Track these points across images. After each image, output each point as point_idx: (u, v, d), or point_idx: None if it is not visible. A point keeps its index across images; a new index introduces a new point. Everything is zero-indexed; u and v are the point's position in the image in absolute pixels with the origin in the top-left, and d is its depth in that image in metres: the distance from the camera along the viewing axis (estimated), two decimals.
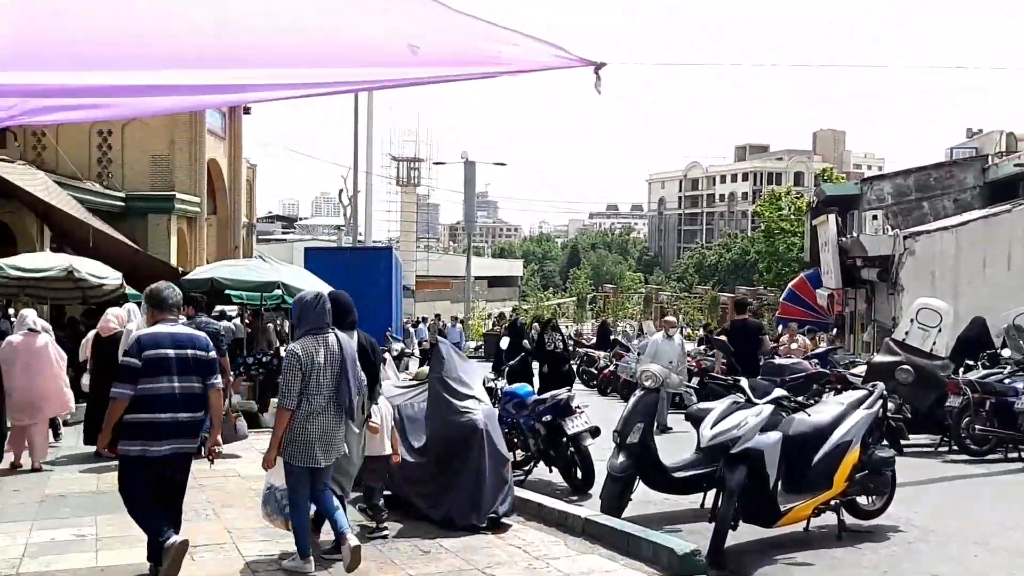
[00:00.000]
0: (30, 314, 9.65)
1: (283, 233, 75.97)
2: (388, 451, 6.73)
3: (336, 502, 5.77)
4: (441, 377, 7.28)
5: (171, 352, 5.40)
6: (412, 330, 29.49)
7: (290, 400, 5.47)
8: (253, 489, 7.86)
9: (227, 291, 14.22)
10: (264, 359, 13.20)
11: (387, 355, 9.67)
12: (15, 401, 8.92)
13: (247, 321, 16.49)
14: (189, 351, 5.48)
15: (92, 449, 9.32)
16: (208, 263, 20.44)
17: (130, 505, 5.47)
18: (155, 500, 5.47)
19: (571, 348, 18.71)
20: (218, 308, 16.92)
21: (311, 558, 5.72)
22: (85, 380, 10.37)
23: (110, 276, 13.79)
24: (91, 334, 10.35)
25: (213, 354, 5.68)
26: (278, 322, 21.35)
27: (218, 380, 5.65)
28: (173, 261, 22.86)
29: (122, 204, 23.15)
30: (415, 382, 8.70)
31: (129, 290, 15.13)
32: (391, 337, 19.11)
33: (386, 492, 7.75)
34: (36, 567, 5.90)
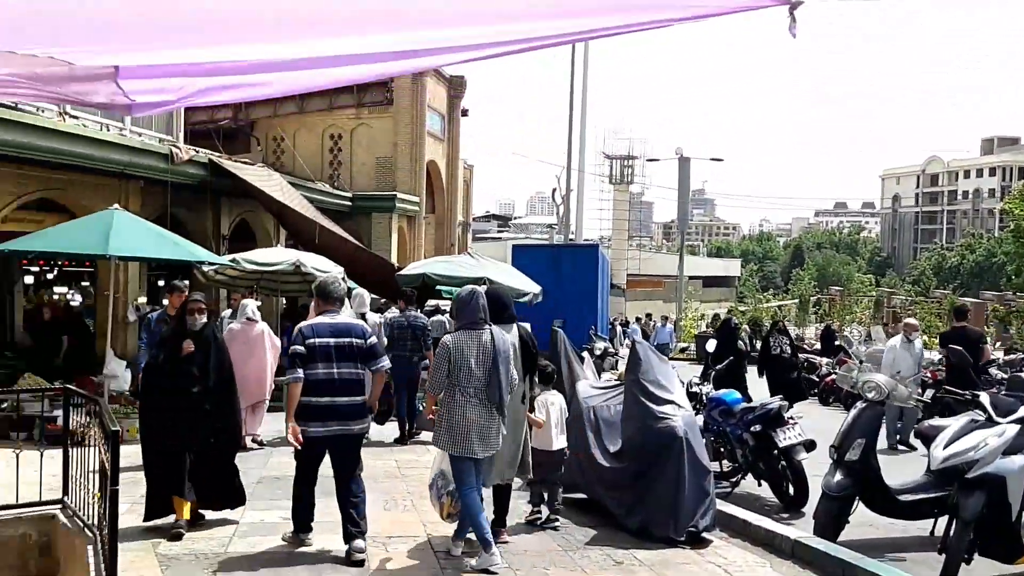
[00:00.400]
0: (250, 304, 10.33)
1: (498, 232, 77.98)
2: (558, 446, 6.73)
3: (475, 503, 5.81)
4: (638, 379, 6.94)
5: (331, 340, 5.84)
6: (621, 329, 29.12)
7: (435, 387, 5.77)
8: None
9: (437, 287, 14.54)
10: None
11: (586, 354, 9.40)
12: None
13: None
14: (347, 339, 5.87)
15: None
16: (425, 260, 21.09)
17: (296, 477, 6.14)
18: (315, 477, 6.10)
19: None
20: (432, 303, 17.42)
21: (495, 550, 5.77)
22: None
23: (333, 271, 14.48)
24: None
25: (372, 340, 6.00)
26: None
27: (384, 363, 6.03)
28: (393, 257, 23.89)
29: (349, 204, 24.47)
30: (616, 383, 8.40)
31: (350, 283, 15.89)
32: (595, 336, 18.83)
33: (580, 495, 7.55)
34: (243, 547, 6.16)
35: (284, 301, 17.41)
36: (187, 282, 9.22)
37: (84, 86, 2.30)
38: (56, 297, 18.49)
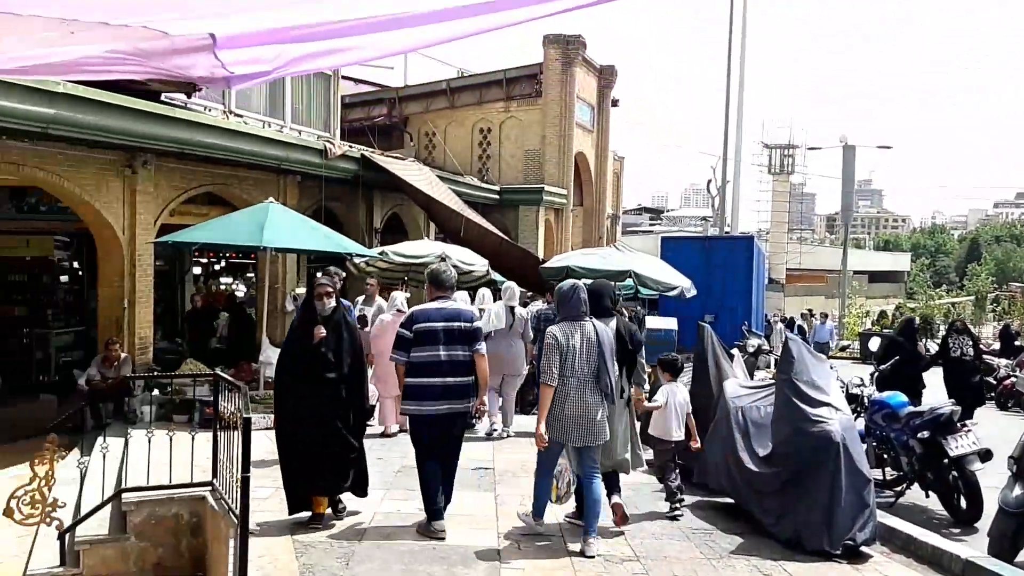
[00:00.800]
0: (399, 296, 10.44)
1: (650, 225, 76.79)
2: (676, 437, 6.89)
3: (598, 491, 6.00)
4: (790, 380, 6.45)
5: (439, 325, 6.19)
6: (781, 326, 27.92)
7: (550, 377, 5.83)
8: None
9: (582, 280, 14.31)
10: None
11: (736, 351, 8.92)
12: (380, 374, 9.62)
13: None
14: (455, 324, 6.24)
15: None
16: (569, 252, 20.88)
17: (416, 454, 6.38)
18: (434, 452, 6.27)
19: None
20: None
21: (543, 520, 6.20)
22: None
23: (477, 263, 14.53)
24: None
25: (477, 324, 6.40)
26: (637, 311, 21.27)
27: (480, 347, 6.28)
28: (540, 250, 23.83)
29: (497, 197, 24.60)
30: (767, 383, 7.90)
31: (494, 275, 15.90)
32: (749, 332, 18.05)
33: (727, 499, 7.14)
34: (376, 537, 6.14)
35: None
36: (340, 271, 9.28)
37: (184, 59, 2.22)
38: (223, 287, 19.49)
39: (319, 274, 7.12)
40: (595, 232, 30.11)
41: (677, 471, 6.92)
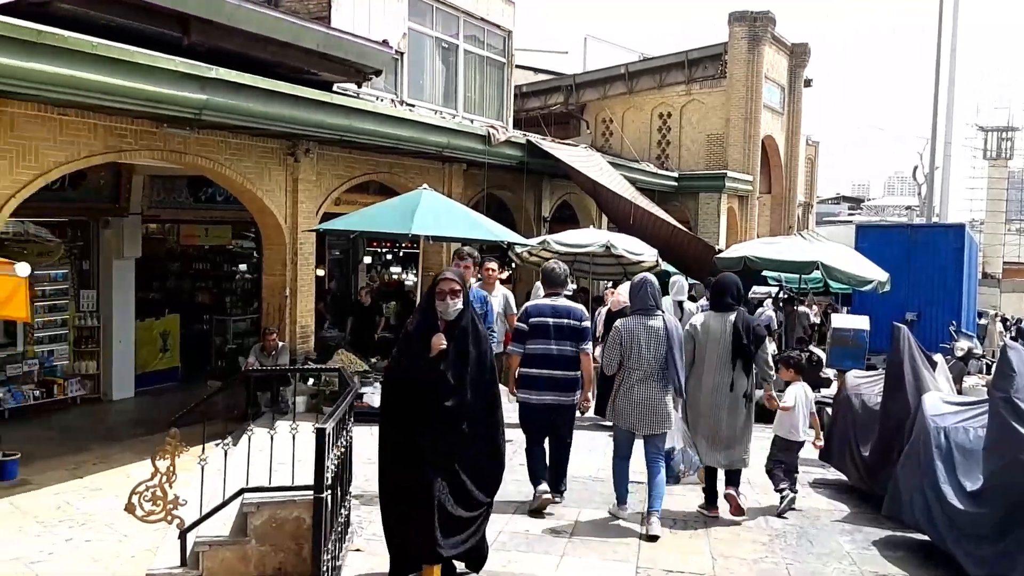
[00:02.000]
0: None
1: (849, 214, 72.05)
2: (802, 439, 6.77)
3: (662, 476, 6.13)
4: (1008, 398, 5.16)
5: (551, 320, 6.37)
6: (995, 327, 24.94)
7: (607, 367, 6.22)
8: None
9: (763, 272, 13.06)
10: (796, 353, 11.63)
11: (939, 357, 7.56)
12: None
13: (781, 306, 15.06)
14: (565, 320, 6.40)
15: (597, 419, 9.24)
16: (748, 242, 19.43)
17: (527, 440, 6.47)
18: (544, 440, 6.46)
19: None
20: (760, 291, 15.88)
21: (626, 506, 6.26)
22: (597, 353, 10.29)
23: (646, 253, 13.60)
24: (603, 309, 10.24)
25: (585, 323, 6.50)
26: (828, 307, 19.55)
27: (587, 346, 6.43)
28: (722, 240, 22.44)
29: (674, 184, 23.41)
30: (981, 398, 6.59)
31: (665, 266, 14.89)
32: (957, 333, 15.97)
33: (922, 536, 5.95)
34: (497, 563, 5.36)
35: (609, 285, 16.72)
36: (475, 253, 8.50)
37: None
38: (394, 276, 19.55)
39: (449, 268, 5.76)
40: (785, 221, 28.18)
41: (791, 474, 6.83)
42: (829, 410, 8.73)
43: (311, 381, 10.46)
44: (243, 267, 16.90)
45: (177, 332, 14.78)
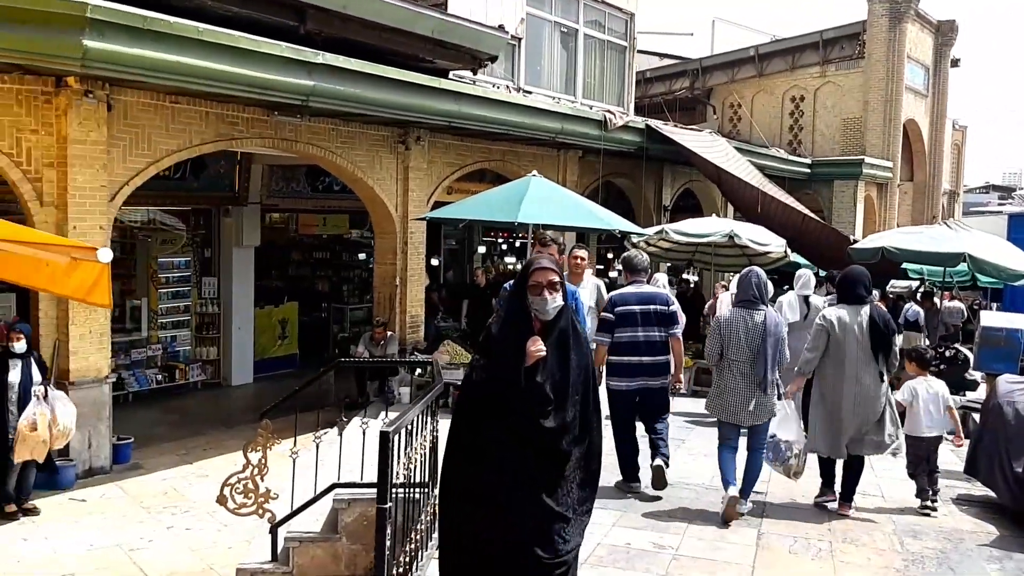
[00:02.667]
0: (661, 278, 9.68)
1: (999, 204, 67.31)
2: (927, 433, 6.52)
3: (760, 465, 6.17)
4: None
5: (636, 308, 6.50)
6: None
7: (709, 358, 6.27)
8: None
9: (903, 264, 12.04)
10: (940, 350, 10.66)
11: None
12: None
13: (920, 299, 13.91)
14: (651, 307, 6.52)
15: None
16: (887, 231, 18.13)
17: (614, 428, 6.51)
18: (631, 424, 6.59)
19: None
20: (898, 285, 14.76)
21: (734, 487, 5.99)
22: None
23: (773, 243, 12.75)
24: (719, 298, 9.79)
25: (673, 307, 6.63)
26: (974, 303, 18.08)
27: (676, 330, 6.56)
28: (858, 230, 21.14)
29: (807, 171, 22.19)
30: None
31: (795, 258, 13.99)
32: None
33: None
34: None
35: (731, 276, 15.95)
36: (559, 239, 7.05)
37: None
38: (509, 267, 19.28)
39: (544, 255, 4.48)
40: (928, 211, 26.36)
41: (929, 469, 6.55)
42: (976, 416, 7.85)
43: (418, 371, 10.26)
44: (361, 256, 16.98)
45: (295, 319, 14.95)
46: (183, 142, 9.04)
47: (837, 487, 6.36)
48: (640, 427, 6.67)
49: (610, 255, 20.36)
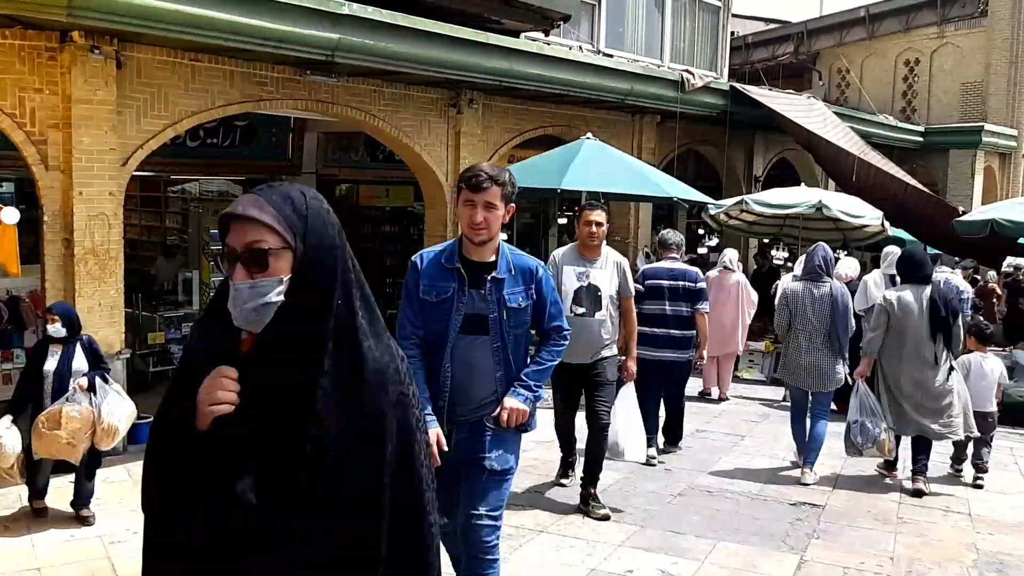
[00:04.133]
0: (729, 253, 9.77)
1: None
2: (988, 409, 6.61)
3: (823, 431, 6.42)
4: None
5: (665, 283, 6.81)
6: None
7: (778, 329, 6.67)
8: None
9: (1019, 239, 10.53)
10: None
11: None
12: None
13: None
14: (680, 282, 6.80)
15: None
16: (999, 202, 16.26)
17: (639, 396, 6.19)
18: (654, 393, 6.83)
19: None
20: (1013, 262, 13.08)
21: (807, 469, 6.35)
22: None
23: (868, 216, 11.42)
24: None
25: (701, 284, 6.87)
26: None
27: (703, 306, 6.78)
28: (975, 203, 19.19)
29: (919, 139, 20.30)
30: None
31: (896, 232, 12.58)
32: None
33: None
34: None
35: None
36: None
37: None
38: None
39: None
40: None
41: (983, 445, 6.62)
42: None
43: None
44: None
45: None
46: (205, 103, 8.45)
47: (901, 465, 6.56)
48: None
49: (700, 230, 19.18)
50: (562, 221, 18.36)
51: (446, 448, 3.32)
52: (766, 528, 5.04)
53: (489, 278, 3.41)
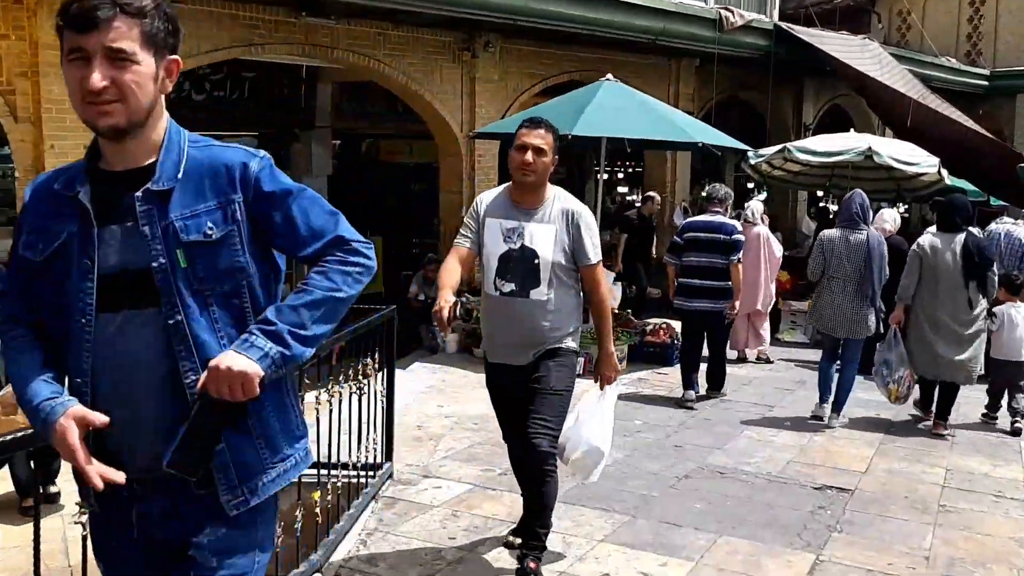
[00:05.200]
0: (752, 205, 8.86)
1: None
2: (1015, 358, 6.55)
3: (851, 377, 6.49)
4: None
5: (703, 235, 7.00)
6: None
7: (811, 273, 6.62)
8: None
9: None
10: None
11: None
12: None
13: None
14: (717, 235, 6.95)
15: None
16: None
17: (681, 346, 7.35)
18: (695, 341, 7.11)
19: None
20: None
21: (826, 405, 6.52)
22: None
23: (923, 163, 10.39)
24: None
25: (736, 237, 6.97)
26: None
27: (735, 257, 6.90)
28: None
29: (984, 83, 18.90)
30: None
31: (956, 182, 11.52)
32: None
33: None
34: None
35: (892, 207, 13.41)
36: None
37: None
38: (620, 198, 17.45)
39: None
40: None
41: (1018, 391, 6.55)
42: None
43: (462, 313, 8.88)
44: None
45: (381, 256, 13.82)
46: (190, 48, 7.84)
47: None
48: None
49: (749, 185, 18.18)
50: (604, 178, 17.55)
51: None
52: (780, 518, 4.32)
53: (140, 195, 1.78)
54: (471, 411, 6.33)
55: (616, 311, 9.37)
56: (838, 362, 6.50)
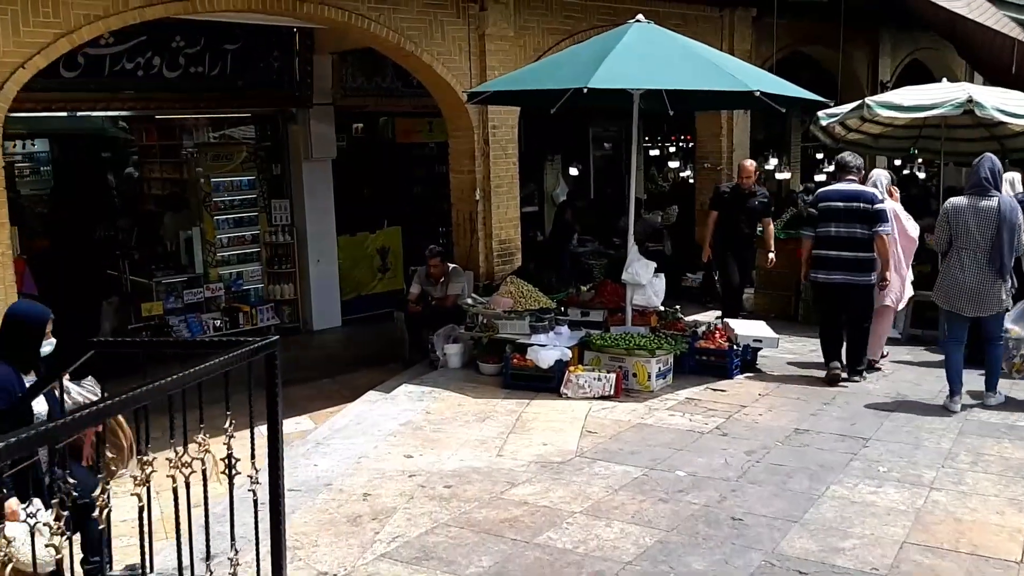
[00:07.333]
0: (877, 174, 7.35)
1: None
2: None
3: (998, 354, 6.13)
4: None
5: (840, 204, 6.73)
6: None
7: (938, 247, 6.27)
8: None
9: None
10: None
11: None
12: None
13: None
14: (855, 203, 6.68)
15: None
16: None
17: (820, 320, 7.11)
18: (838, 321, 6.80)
19: None
20: None
21: (958, 398, 6.00)
22: None
23: None
24: None
25: (878, 206, 6.61)
26: None
27: (881, 228, 6.55)
28: None
29: None
30: None
31: None
32: None
33: None
34: None
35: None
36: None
37: None
38: (684, 174, 15.59)
39: None
40: None
41: None
42: None
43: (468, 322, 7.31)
44: None
45: (399, 247, 12.36)
46: (112, 5, 6.38)
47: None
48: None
49: (819, 155, 16.24)
50: (654, 152, 15.74)
51: None
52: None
53: None
54: (448, 464, 4.73)
55: (662, 308, 7.70)
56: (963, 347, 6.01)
